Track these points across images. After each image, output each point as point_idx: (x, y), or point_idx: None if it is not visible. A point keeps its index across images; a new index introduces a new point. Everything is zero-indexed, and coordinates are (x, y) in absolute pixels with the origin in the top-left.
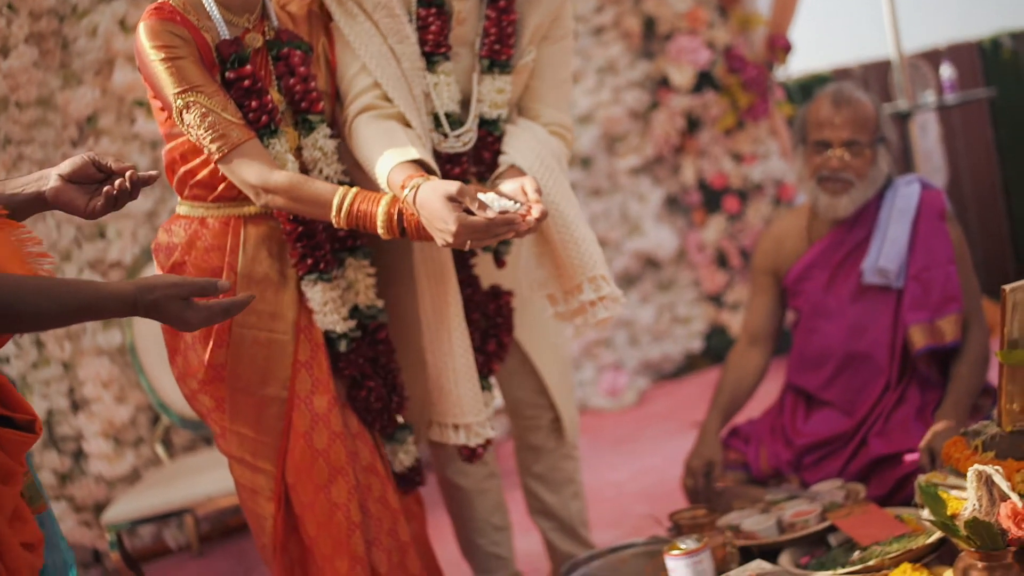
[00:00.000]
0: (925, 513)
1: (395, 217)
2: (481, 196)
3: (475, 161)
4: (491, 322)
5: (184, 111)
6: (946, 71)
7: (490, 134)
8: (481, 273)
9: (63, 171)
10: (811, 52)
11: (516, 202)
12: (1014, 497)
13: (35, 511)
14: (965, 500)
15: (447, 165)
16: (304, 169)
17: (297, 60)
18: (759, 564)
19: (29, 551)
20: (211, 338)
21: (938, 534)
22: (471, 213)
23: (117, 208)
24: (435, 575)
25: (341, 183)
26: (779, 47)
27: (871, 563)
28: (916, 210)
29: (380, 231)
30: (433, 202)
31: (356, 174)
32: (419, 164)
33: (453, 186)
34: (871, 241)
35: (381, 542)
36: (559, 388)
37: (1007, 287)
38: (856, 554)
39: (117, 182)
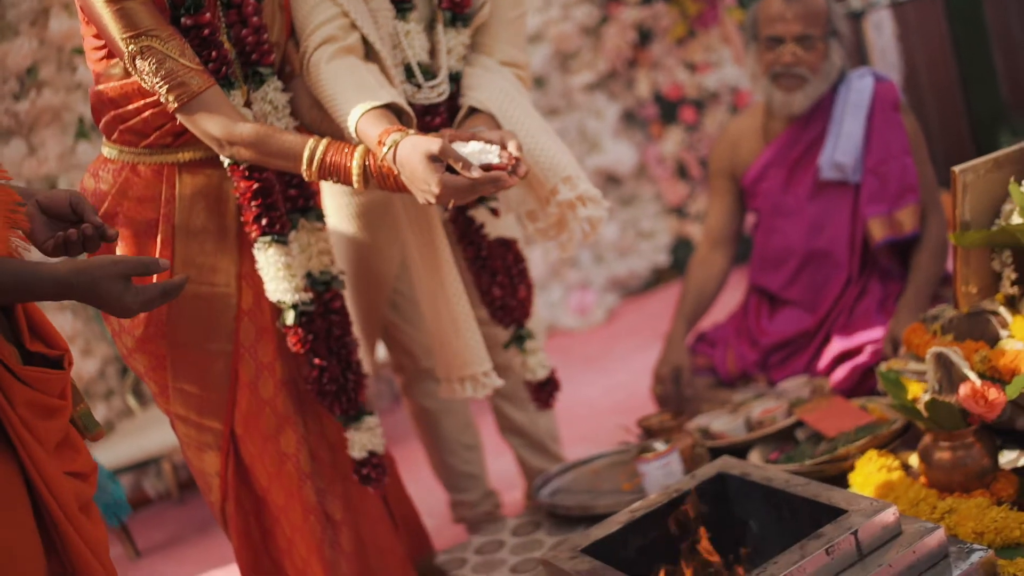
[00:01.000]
0: (888, 399)
1: (372, 170)
2: (462, 150)
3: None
4: (514, 269)
5: (137, 57)
6: None
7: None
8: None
9: (40, 197)
10: None
11: (497, 146)
12: (973, 377)
13: (92, 438)
14: (926, 384)
15: (426, 116)
16: None
17: (250, 10)
18: (724, 460)
19: (81, 480)
20: None
21: (902, 420)
22: (454, 171)
23: (69, 254)
24: (405, 512)
25: None
26: None
27: (838, 453)
28: (870, 103)
29: (356, 184)
30: (414, 162)
31: (313, 115)
32: (389, 109)
33: (435, 144)
34: (826, 136)
35: (335, 489)
36: None
37: (957, 168)
38: (823, 445)
39: (70, 231)
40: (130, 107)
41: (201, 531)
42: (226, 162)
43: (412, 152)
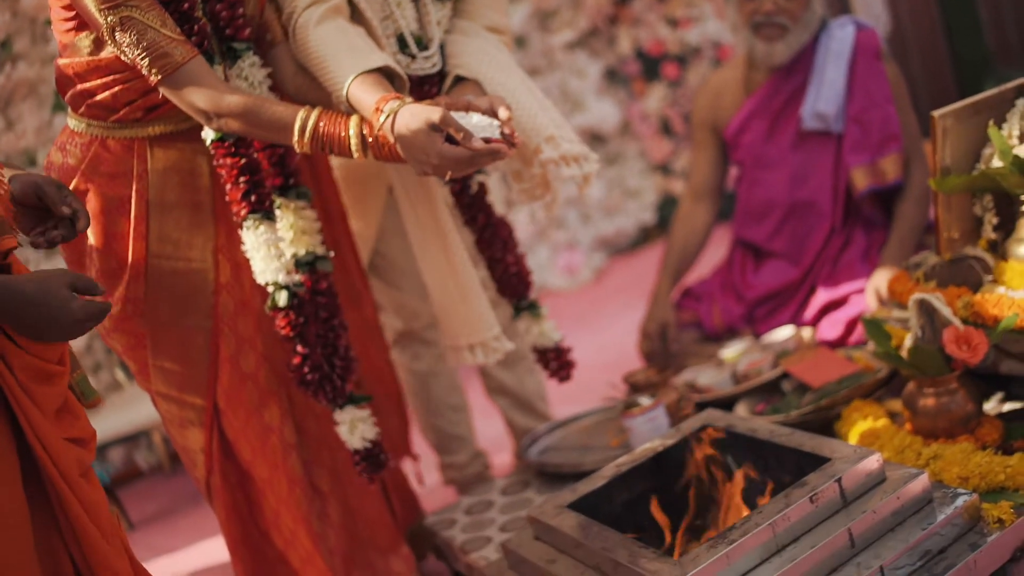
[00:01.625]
0: (872, 348)
1: (368, 139)
2: (462, 120)
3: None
4: (511, 241)
5: (116, 29)
6: None
7: None
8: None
9: (14, 187)
10: None
11: (498, 121)
12: (956, 322)
13: (89, 405)
14: (910, 331)
15: (424, 86)
16: None
17: None
18: (709, 413)
19: (81, 446)
20: (125, 273)
21: (887, 369)
22: (453, 141)
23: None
24: (394, 476)
25: None
26: None
27: (823, 403)
28: (851, 52)
29: (355, 154)
30: (415, 131)
31: (298, 81)
32: (381, 73)
33: (435, 113)
34: (808, 86)
35: (322, 460)
36: None
37: (936, 113)
38: (809, 396)
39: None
40: (98, 81)
41: (193, 502)
42: (209, 138)
43: (412, 121)
